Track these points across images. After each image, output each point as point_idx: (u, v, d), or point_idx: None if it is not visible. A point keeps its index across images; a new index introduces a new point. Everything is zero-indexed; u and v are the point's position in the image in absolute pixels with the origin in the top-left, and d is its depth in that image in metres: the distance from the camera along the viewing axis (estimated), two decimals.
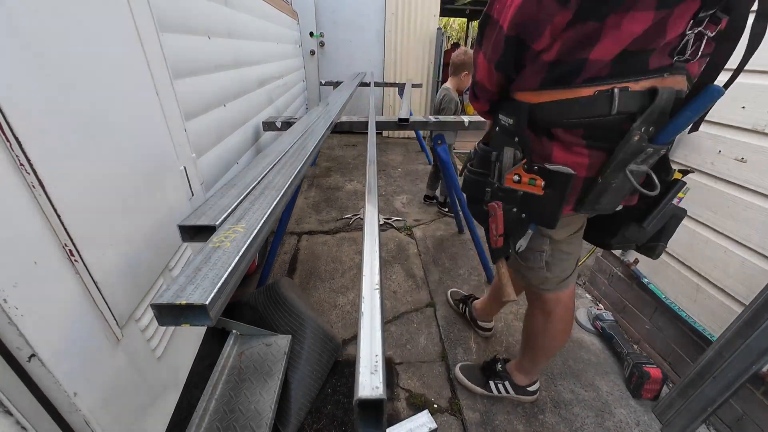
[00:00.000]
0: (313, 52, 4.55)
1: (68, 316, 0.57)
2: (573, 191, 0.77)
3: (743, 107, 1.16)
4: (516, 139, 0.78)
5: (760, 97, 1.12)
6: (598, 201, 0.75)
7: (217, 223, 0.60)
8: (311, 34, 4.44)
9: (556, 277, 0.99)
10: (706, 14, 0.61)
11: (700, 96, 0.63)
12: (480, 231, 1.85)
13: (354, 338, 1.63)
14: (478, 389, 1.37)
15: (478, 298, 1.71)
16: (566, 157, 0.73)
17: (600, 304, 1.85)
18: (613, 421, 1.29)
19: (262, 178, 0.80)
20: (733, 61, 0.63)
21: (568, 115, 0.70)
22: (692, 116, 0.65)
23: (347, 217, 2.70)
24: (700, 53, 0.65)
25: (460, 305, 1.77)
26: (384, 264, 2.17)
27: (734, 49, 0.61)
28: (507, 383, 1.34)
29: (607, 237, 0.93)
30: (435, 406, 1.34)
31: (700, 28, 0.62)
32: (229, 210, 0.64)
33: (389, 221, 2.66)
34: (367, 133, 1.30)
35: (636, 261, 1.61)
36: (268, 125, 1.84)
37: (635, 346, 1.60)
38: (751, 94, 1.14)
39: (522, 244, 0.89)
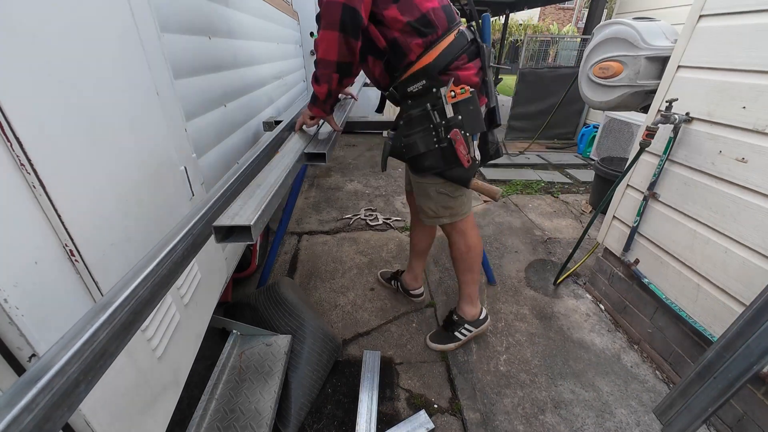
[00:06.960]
0: (313, 53, 4.55)
1: (69, 316, 0.57)
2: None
3: (744, 107, 1.16)
4: (433, 89, 1.08)
5: (761, 97, 1.12)
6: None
7: (252, 222, 0.61)
8: (312, 34, 4.44)
9: (468, 200, 1.33)
10: None
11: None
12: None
13: (354, 338, 1.63)
14: (452, 345, 1.55)
15: (404, 271, 1.87)
16: (465, 73, 1.11)
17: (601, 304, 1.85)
18: (613, 421, 1.29)
19: (284, 179, 0.85)
20: None
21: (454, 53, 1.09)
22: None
23: (347, 217, 2.70)
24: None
25: (392, 282, 1.92)
26: (384, 264, 2.17)
27: None
28: (467, 325, 1.55)
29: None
30: (435, 406, 1.34)
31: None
32: (261, 209, 0.65)
33: (389, 221, 2.66)
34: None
35: (636, 261, 1.61)
36: (269, 125, 1.84)
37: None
38: (752, 94, 1.14)
39: (477, 155, 1.20)
